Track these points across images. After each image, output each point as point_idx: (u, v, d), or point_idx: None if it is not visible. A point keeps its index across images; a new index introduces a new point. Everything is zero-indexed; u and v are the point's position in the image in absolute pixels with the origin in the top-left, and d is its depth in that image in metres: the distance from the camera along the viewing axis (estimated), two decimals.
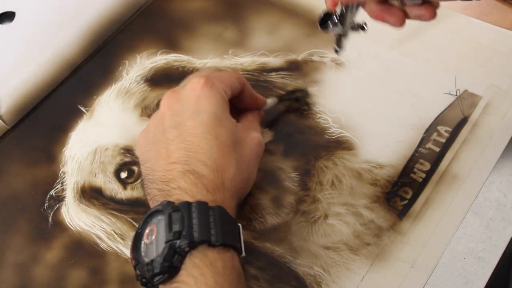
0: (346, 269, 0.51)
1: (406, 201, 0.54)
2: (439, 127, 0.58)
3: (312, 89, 0.62)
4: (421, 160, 0.56)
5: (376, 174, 0.56)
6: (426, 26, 0.65)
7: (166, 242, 0.40)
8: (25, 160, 0.60)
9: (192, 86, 0.49)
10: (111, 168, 0.59)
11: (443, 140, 0.57)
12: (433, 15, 0.46)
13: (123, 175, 0.58)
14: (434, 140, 0.57)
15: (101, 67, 0.66)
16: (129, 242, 0.54)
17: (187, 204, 0.42)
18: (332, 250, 0.52)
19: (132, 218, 0.56)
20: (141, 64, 0.66)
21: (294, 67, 0.64)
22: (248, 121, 0.53)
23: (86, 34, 0.67)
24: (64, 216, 0.56)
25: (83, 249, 0.54)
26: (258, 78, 0.63)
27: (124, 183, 0.58)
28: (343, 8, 0.49)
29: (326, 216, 0.54)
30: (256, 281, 0.51)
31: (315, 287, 0.50)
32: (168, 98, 0.49)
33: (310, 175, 0.56)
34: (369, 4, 0.47)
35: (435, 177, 0.55)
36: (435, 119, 0.59)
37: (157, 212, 0.43)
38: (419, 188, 0.55)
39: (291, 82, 0.62)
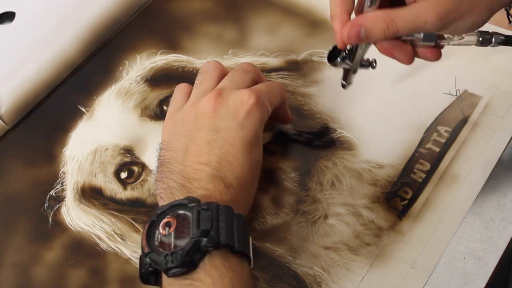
0: (346, 269, 0.51)
1: (406, 201, 0.54)
2: (439, 127, 0.58)
3: (312, 90, 0.62)
4: (421, 160, 0.56)
5: (376, 174, 0.56)
6: None
7: (192, 238, 0.40)
8: (25, 160, 0.60)
9: (243, 99, 0.49)
10: (111, 168, 0.59)
11: (443, 140, 0.57)
12: (438, 57, 0.48)
13: (123, 175, 0.58)
14: (434, 140, 0.57)
15: (101, 67, 0.66)
16: (129, 243, 0.54)
17: (216, 206, 0.42)
18: (332, 250, 0.52)
19: (132, 218, 0.55)
20: (141, 64, 0.66)
21: (294, 67, 0.64)
22: None
23: (86, 34, 0.67)
24: (64, 216, 0.56)
25: (83, 249, 0.54)
26: None
27: (124, 183, 0.58)
28: (353, 45, 0.48)
29: (326, 216, 0.54)
30: (256, 281, 0.51)
31: (315, 287, 0.50)
32: (215, 99, 0.50)
33: (310, 175, 0.56)
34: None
35: (435, 177, 0.55)
36: (435, 119, 0.59)
37: (180, 206, 0.43)
38: (419, 188, 0.55)
39: (291, 82, 0.62)
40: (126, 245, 0.54)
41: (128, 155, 0.59)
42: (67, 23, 0.67)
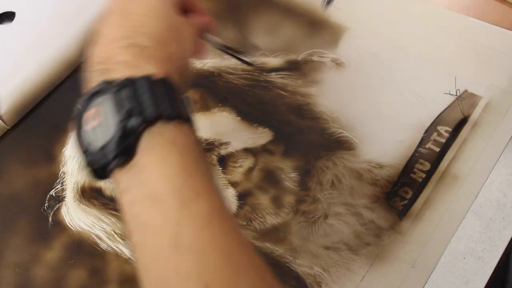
0: (346, 269, 0.51)
1: (406, 201, 0.54)
2: (439, 127, 0.58)
3: (312, 89, 0.62)
4: (421, 160, 0.56)
5: (376, 174, 0.56)
6: (426, 26, 0.65)
7: (120, 123, 0.37)
8: (25, 160, 0.60)
9: None
10: None
11: (443, 140, 0.57)
12: None
13: None
14: (434, 140, 0.57)
15: None
16: (129, 242, 0.54)
17: (133, 80, 0.38)
18: (332, 250, 0.52)
19: None
20: None
21: (294, 67, 0.64)
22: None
23: (86, 34, 0.67)
24: (64, 216, 0.56)
25: (83, 249, 0.54)
26: (258, 78, 0.63)
27: None
28: None
29: (326, 216, 0.54)
30: None
31: (315, 287, 0.50)
32: None
33: (310, 175, 0.56)
34: None
35: (435, 177, 0.55)
36: (435, 119, 0.59)
37: (98, 93, 0.38)
38: (419, 188, 0.55)
39: (291, 82, 0.62)
40: (126, 245, 0.54)
41: None
42: (67, 23, 0.67)
